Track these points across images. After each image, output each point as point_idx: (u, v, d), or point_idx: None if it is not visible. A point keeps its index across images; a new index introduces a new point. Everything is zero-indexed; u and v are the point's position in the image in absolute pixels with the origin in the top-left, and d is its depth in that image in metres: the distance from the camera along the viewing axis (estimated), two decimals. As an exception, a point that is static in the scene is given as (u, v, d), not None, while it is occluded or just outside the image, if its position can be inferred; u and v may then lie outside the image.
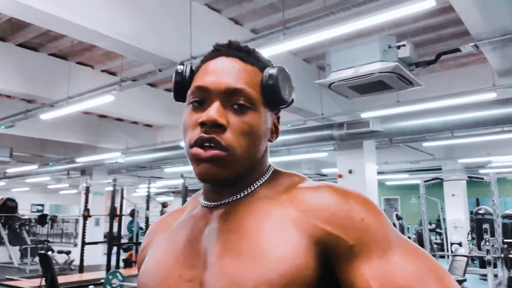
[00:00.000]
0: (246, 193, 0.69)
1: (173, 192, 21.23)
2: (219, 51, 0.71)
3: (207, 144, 0.63)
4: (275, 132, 0.73)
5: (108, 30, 4.06)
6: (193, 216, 0.72)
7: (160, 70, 4.90)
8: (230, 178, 0.66)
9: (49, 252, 8.16)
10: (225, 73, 0.67)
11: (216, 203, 0.69)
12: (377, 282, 0.56)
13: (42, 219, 14.17)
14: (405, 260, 0.58)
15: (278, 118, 0.75)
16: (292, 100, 0.72)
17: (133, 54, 4.64)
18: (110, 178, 10.17)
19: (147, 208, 9.03)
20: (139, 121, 9.97)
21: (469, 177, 7.24)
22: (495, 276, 6.16)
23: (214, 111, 0.64)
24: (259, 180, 0.70)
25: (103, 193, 11.98)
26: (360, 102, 6.29)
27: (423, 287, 0.55)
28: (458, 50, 4.41)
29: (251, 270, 0.58)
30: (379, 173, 13.03)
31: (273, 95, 0.68)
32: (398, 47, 3.97)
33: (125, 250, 10.14)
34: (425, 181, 7.28)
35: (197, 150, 0.64)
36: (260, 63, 0.71)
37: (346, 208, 0.60)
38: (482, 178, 6.52)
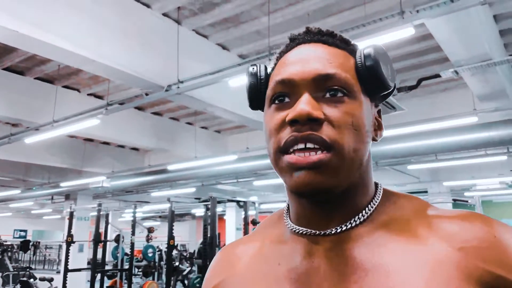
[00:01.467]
0: (362, 219, 0.55)
1: (160, 217, 20.96)
2: (296, 40, 0.60)
3: (302, 146, 0.51)
4: (378, 128, 0.61)
5: (95, 54, 4.09)
6: (289, 246, 0.57)
7: (147, 94, 4.92)
8: (341, 188, 0.53)
9: (31, 280, 7.92)
10: (310, 59, 0.55)
11: (324, 232, 0.54)
12: None
13: (24, 245, 13.78)
14: None
15: (379, 112, 0.62)
16: (395, 86, 0.59)
17: (120, 78, 4.67)
18: (95, 202, 10.01)
19: (133, 234, 8.87)
20: (125, 145, 9.92)
21: (453, 200, 7.31)
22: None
23: (304, 103, 0.51)
24: (373, 202, 0.57)
25: (87, 218, 11.75)
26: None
27: None
28: (438, 75, 4.54)
29: None
30: (366, 196, 13.06)
31: (373, 79, 0.55)
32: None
33: (109, 277, 9.88)
34: (411, 204, 7.30)
35: (292, 158, 0.51)
36: (349, 46, 0.59)
37: (503, 244, 0.49)
38: (467, 201, 6.58)
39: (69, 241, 8.74)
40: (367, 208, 0.56)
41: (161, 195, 11.86)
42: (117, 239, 9.42)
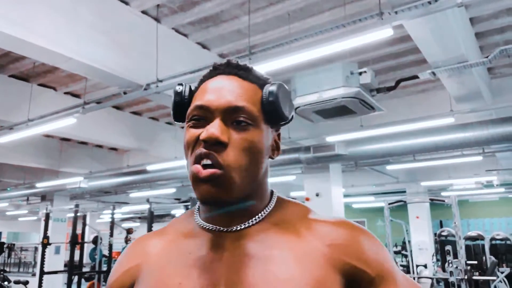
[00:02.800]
0: (257, 219, 0.68)
1: (139, 218, 20.69)
2: (218, 69, 0.71)
3: (205, 163, 0.63)
4: (276, 149, 0.73)
5: (71, 52, 4.00)
6: (198, 239, 0.68)
7: (125, 93, 4.84)
8: (231, 199, 0.64)
9: (5, 283, 7.70)
10: (225, 91, 0.67)
11: (227, 229, 0.67)
12: None
13: (-2, 248, 13.42)
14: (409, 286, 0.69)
15: (278, 135, 0.75)
16: (292, 117, 0.73)
17: (97, 76, 4.57)
18: (72, 203, 9.81)
19: (111, 235, 8.72)
20: (103, 145, 9.75)
21: (431, 199, 7.43)
22: (459, 297, 6.26)
23: (215, 128, 0.63)
24: (268, 207, 0.70)
25: (64, 220, 11.51)
26: (326, 126, 6.41)
27: None
28: (416, 77, 4.60)
29: None
30: (346, 196, 13.21)
31: (273, 112, 0.68)
32: (360, 73, 4.11)
33: (87, 280, 9.70)
34: (389, 204, 7.41)
35: (196, 168, 0.63)
36: (259, 81, 0.71)
37: (366, 244, 0.66)
38: (443, 201, 6.71)
39: (45, 243, 8.53)
40: (262, 212, 0.69)
41: (141, 196, 11.71)
42: (95, 241, 9.26)
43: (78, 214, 8.48)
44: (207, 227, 0.68)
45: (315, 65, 5.75)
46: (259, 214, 0.69)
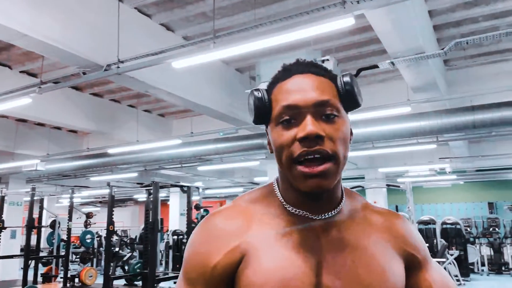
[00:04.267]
0: (340, 207, 0.76)
1: (100, 202, 20.27)
2: (291, 70, 0.76)
3: (311, 157, 0.68)
4: (351, 132, 0.78)
5: (27, 28, 3.83)
6: (291, 223, 0.74)
7: (84, 73, 4.70)
8: (331, 187, 0.71)
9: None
10: (307, 88, 0.72)
11: (317, 216, 0.74)
12: (437, 285, 0.79)
13: None
14: (438, 267, 0.84)
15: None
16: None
17: (55, 54, 4.41)
18: (29, 187, 9.47)
19: (70, 219, 8.52)
20: (62, 127, 9.43)
21: (387, 185, 7.73)
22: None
23: (311, 124, 0.68)
24: (343, 195, 0.78)
25: (20, 203, 11.13)
26: (289, 112, 6.48)
27: (454, 286, 0.82)
28: (376, 66, 4.74)
29: (382, 279, 0.71)
30: (308, 182, 13.45)
31: (351, 100, 0.74)
32: (323, 61, 4.19)
33: (44, 264, 9.47)
34: (349, 189, 7.63)
35: (305, 169, 0.68)
36: (329, 74, 0.76)
37: (414, 233, 0.82)
38: (399, 186, 6.99)
39: (0, 227, 8.23)
40: (342, 201, 0.77)
41: (101, 180, 11.46)
42: (53, 225, 9.01)
43: (35, 197, 8.21)
44: (299, 212, 0.74)
45: (280, 52, 5.79)
46: (341, 203, 0.76)
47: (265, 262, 0.70)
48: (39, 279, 8.10)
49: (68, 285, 7.56)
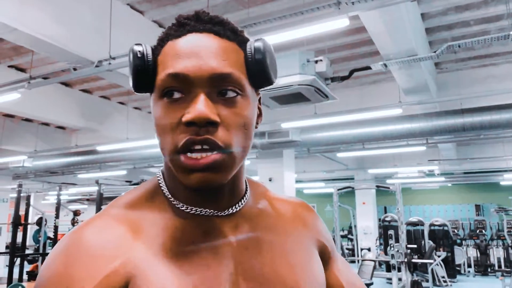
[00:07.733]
0: (243, 202, 0.62)
1: (88, 200, 20.05)
2: (187, 25, 0.57)
3: (199, 147, 0.52)
4: (259, 115, 0.63)
5: (16, 22, 3.75)
6: (191, 226, 0.58)
7: (75, 69, 4.63)
8: (225, 181, 0.56)
9: None
10: (203, 54, 0.54)
11: (221, 213, 0.59)
12: (343, 279, 0.73)
13: None
14: (344, 261, 0.78)
15: (259, 99, 0.64)
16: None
17: (45, 50, 4.32)
18: (15, 183, 9.34)
19: (57, 217, 8.42)
20: (50, 123, 9.30)
21: (377, 186, 7.78)
22: (400, 279, 6.65)
23: (202, 105, 0.52)
24: (247, 185, 0.66)
25: (6, 200, 10.99)
26: (281, 112, 6.49)
27: (360, 283, 0.76)
28: (369, 68, 4.75)
29: (307, 276, 0.62)
30: (298, 181, 13.52)
31: (261, 73, 0.58)
32: (316, 61, 4.18)
33: (30, 262, 9.34)
34: (338, 189, 7.68)
35: (189, 160, 0.52)
36: (238, 37, 0.59)
37: (322, 222, 0.76)
38: (388, 188, 7.04)
39: (-16, 224, 8.09)
40: (245, 194, 0.64)
41: (89, 177, 11.33)
42: (39, 222, 8.89)
43: (22, 194, 8.09)
44: (195, 211, 0.58)
45: (274, 52, 5.77)
46: (245, 196, 0.63)
47: (161, 285, 0.51)
48: (25, 277, 8.00)
49: (54, 283, 7.46)
